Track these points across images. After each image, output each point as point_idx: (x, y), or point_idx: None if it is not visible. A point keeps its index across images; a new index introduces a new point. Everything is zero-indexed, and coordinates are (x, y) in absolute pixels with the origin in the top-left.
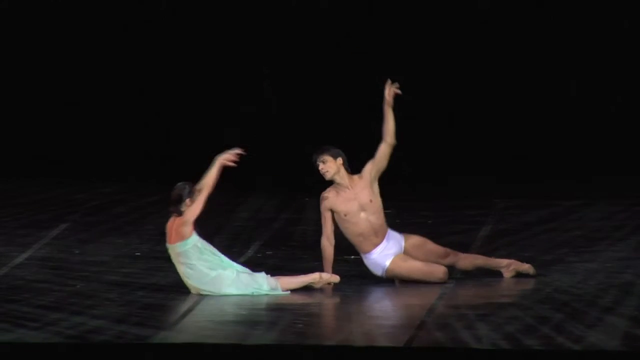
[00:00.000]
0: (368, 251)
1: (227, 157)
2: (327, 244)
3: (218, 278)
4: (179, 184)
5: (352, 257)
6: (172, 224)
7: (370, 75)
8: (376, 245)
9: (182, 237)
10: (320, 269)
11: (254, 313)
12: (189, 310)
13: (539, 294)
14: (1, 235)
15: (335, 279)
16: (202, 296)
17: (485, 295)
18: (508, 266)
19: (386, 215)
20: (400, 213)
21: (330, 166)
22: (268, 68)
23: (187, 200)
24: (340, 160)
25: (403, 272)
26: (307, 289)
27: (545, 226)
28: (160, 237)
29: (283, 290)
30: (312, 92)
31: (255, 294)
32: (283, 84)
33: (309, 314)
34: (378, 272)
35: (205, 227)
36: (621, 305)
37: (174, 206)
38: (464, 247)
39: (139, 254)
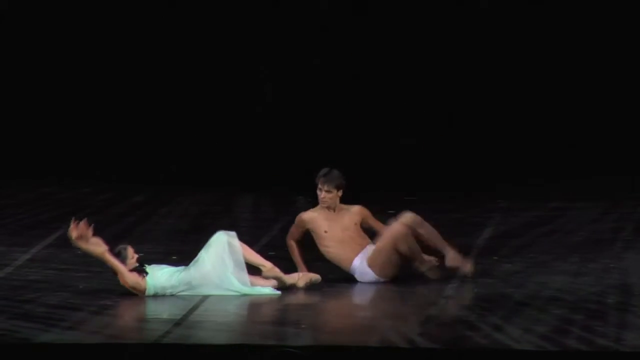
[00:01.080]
0: (349, 267)
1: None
2: (292, 242)
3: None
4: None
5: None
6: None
7: (372, 77)
8: (353, 259)
9: (142, 287)
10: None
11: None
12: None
13: (546, 295)
14: (4, 234)
15: (282, 276)
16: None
17: (497, 295)
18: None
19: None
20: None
21: (332, 197)
22: (266, 69)
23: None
24: (340, 192)
25: (384, 259)
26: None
27: (548, 227)
28: (166, 236)
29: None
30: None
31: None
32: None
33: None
34: (371, 279)
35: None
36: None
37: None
38: (467, 249)
39: (142, 254)
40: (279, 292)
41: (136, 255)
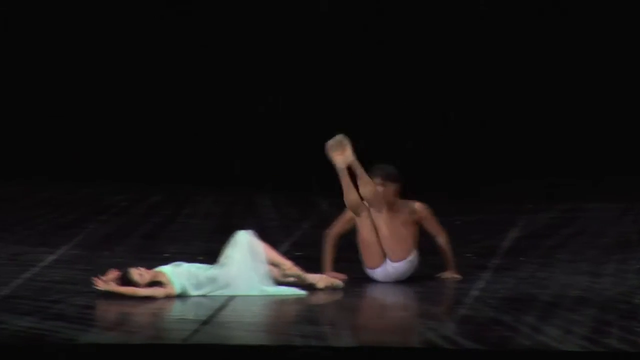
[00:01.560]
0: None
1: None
2: (331, 236)
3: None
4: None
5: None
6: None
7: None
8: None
9: (171, 291)
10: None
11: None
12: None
13: (573, 295)
14: (29, 235)
15: (300, 274)
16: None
17: (523, 296)
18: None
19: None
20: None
21: (387, 191)
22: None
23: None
24: (396, 186)
25: (368, 237)
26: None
27: (573, 229)
28: (194, 236)
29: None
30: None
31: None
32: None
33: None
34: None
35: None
36: None
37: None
38: (492, 250)
39: (167, 255)
40: (304, 292)
41: (141, 270)
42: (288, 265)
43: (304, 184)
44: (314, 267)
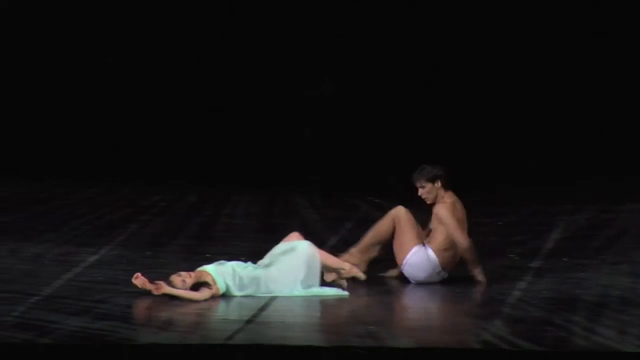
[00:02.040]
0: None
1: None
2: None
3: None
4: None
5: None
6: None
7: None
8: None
9: (216, 292)
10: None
11: None
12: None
13: (616, 295)
14: (75, 236)
15: (361, 275)
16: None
17: (567, 296)
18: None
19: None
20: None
21: (429, 191)
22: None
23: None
24: (439, 183)
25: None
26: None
27: (614, 230)
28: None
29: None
30: None
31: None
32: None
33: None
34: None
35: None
36: None
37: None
38: (534, 250)
39: (209, 255)
40: (346, 293)
41: (183, 275)
42: (347, 268)
43: (342, 184)
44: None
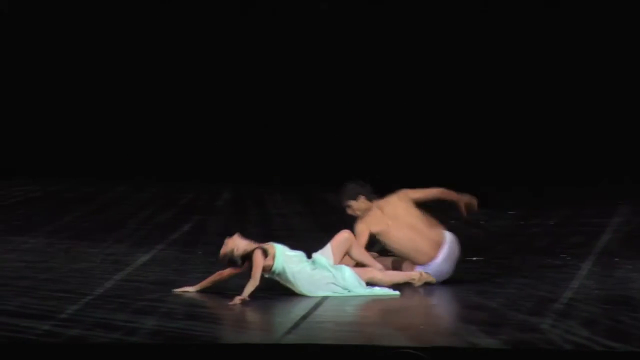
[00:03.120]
0: (424, 263)
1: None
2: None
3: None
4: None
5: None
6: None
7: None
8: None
9: (269, 266)
10: None
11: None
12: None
13: None
14: (129, 236)
15: (433, 279)
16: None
17: (621, 296)
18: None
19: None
20: (524, 215)
21: (357, 208)
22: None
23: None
24: (362, 198)
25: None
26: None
27: None
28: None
29: (387, 285)
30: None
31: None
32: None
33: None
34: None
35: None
36: None
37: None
38: (587, 248)
39: None
40: (397, 293)
41: (236, 241)
42: (416, 276)
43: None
44: None
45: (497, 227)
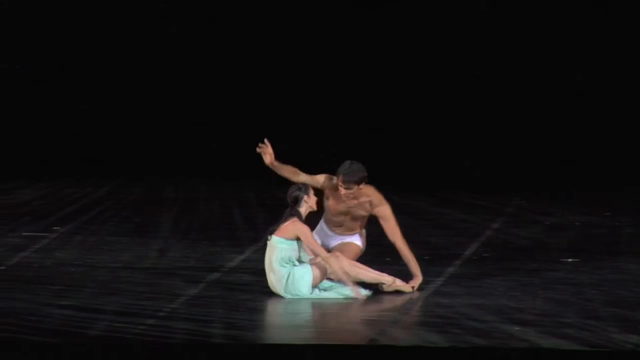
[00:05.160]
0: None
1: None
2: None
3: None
4: (292, 185)
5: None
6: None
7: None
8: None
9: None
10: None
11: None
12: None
13: None
14: (220, 237)
15: (408, 288)
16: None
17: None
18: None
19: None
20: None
21: (354, 193)
22: None
23: (305, 197)
24: (362, 185)
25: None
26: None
27: None
28: None
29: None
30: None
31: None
32: None
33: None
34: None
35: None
36: None
37: (293, 207)
38: None
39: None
40: (369, 292)
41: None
42: (389, 280)
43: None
44: None
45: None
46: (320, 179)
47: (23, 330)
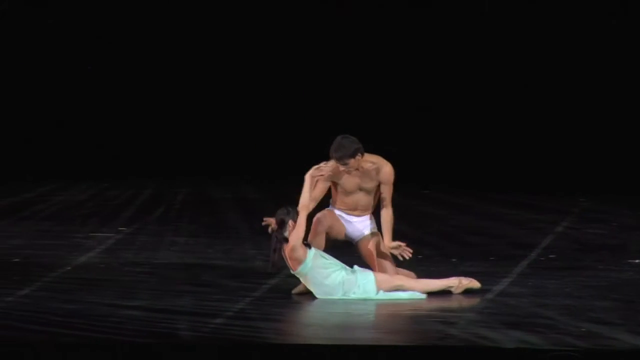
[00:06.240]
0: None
1: (314, 173)
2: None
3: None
4: (281, 208)
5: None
6: (285, 251)
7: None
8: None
9: (300, 262)
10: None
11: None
12: None
13: None
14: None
15: (476, 284)
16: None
17: None
18: None
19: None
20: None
21: (352, 165)
22: None
23: (290, 222)
24: (359, 156)
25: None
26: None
27: None
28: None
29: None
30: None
31: (358, 297)
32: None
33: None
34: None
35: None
36: None
37: (278, 231)
38: None
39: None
40: (424, 296)
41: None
42: (455, 283)
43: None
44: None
45: None
46: (319, 184)
47: (100, 330)
